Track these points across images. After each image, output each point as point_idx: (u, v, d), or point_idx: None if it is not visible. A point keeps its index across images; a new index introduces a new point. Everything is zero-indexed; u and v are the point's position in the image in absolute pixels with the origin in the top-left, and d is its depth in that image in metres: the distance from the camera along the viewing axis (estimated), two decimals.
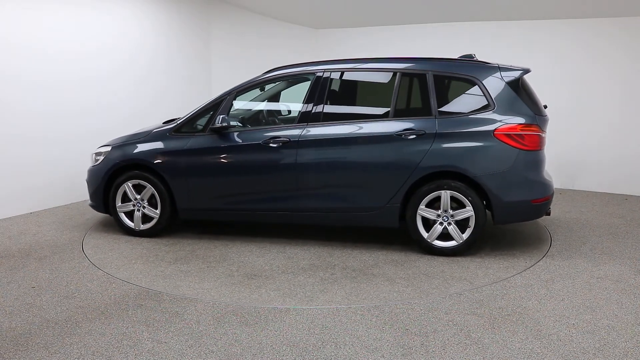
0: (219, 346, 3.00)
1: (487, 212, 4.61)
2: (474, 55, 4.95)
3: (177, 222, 5.44)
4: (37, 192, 6.18)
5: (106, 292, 3.79)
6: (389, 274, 4.17)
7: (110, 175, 5.16)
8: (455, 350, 2.94)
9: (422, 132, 4.48)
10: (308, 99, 4.82)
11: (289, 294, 3.78)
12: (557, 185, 7.19)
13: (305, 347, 2.99)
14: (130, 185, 5.10)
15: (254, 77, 5.12)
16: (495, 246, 4.87)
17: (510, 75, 4.52)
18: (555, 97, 7.22)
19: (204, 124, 5.03)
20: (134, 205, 5.13)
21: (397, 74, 4.73)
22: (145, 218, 5.13)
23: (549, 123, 4.71)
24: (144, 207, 5.11)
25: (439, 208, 4.51)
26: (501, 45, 8.06)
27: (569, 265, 4.37)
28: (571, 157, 7.87)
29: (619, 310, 3.48)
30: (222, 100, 4.99)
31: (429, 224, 4.58)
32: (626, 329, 3.21)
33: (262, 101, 5.55)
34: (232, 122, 4.99)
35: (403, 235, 5.02)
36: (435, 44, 8.45)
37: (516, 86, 4.51)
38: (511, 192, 4.43)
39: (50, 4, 6.06)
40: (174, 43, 7.69)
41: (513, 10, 7.68)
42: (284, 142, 4.73)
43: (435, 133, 4.46)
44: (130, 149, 5.16)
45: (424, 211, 4.54)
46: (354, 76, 5.05)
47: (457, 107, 4.61)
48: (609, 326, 3.24)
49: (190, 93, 7.99)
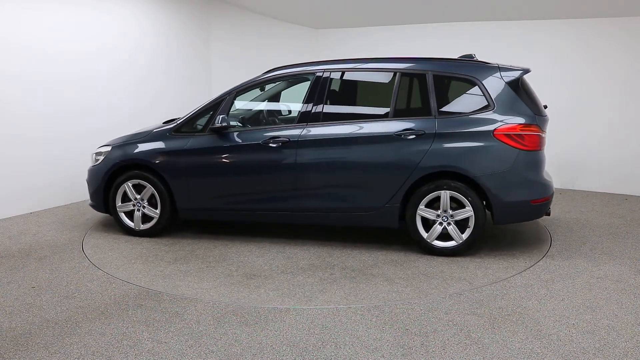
0: (219, 346, 3.00)
1: (487, 212, 4.61)
2: (474, 55, 4.94)
3: (177, 222, 5.44)
4: (37, 192, 6.18)
5: (106, 292, 3.80)
6: (389, 274, 4.17)
7: (110, 175, 5.16)
8: (455, 350, 2.94)
9: (422, 132, 4.48)
10: (308, 99, 4.82)
11: (289, 294, 3.78)
12: (557, 185, 7.19)
13: (305, 347, 2.99)
14: (130, 185, 5.11)
15: (254, 77, 5.12)
16: (495, 246, 4.87)
17: (510, 75, 4.52)
18: (555, 97, 7.22)
19: (204, 124, 5.03)
20: (134, 205, 5.14)
21: (397, 74, 4.73)
22: (145, 218, 5.14)
23: (549, 123, 4.71)
24: (144, 207, 5.12)
25: (438, 208, 4.51)
26: (501, 45, 8.06)
27: (569, 265, 4.37)
28: (571, 157, 7.87)
29: (619, 310, 3.48)
30: (222, 100, 4.99)
31: (428, 224, 4.58)
32: (626, 329, 3.21)
33: (262, 101, 5.56)
34: (232, 122, 5.00)
35: (403, 236, 5.02)
36: (435, 44, 8.45)
37: (516, 86, 4.50)
38: (511, 192, 4.43)
39: (50, 4, 6.06)
40: (174, 43, 7.69)
41: (513, 10, 7.68)
42: (283, 142, 4.73)
43: (435, 133, 4.46)
44: (130, 149, 5.16)
45: (423, 211, 4.54)
46: (353, 76, 5.05)
47: (457, 107, 4.61)
48: (609, 326, 3.24)
49: (190, 93, 7.99)
